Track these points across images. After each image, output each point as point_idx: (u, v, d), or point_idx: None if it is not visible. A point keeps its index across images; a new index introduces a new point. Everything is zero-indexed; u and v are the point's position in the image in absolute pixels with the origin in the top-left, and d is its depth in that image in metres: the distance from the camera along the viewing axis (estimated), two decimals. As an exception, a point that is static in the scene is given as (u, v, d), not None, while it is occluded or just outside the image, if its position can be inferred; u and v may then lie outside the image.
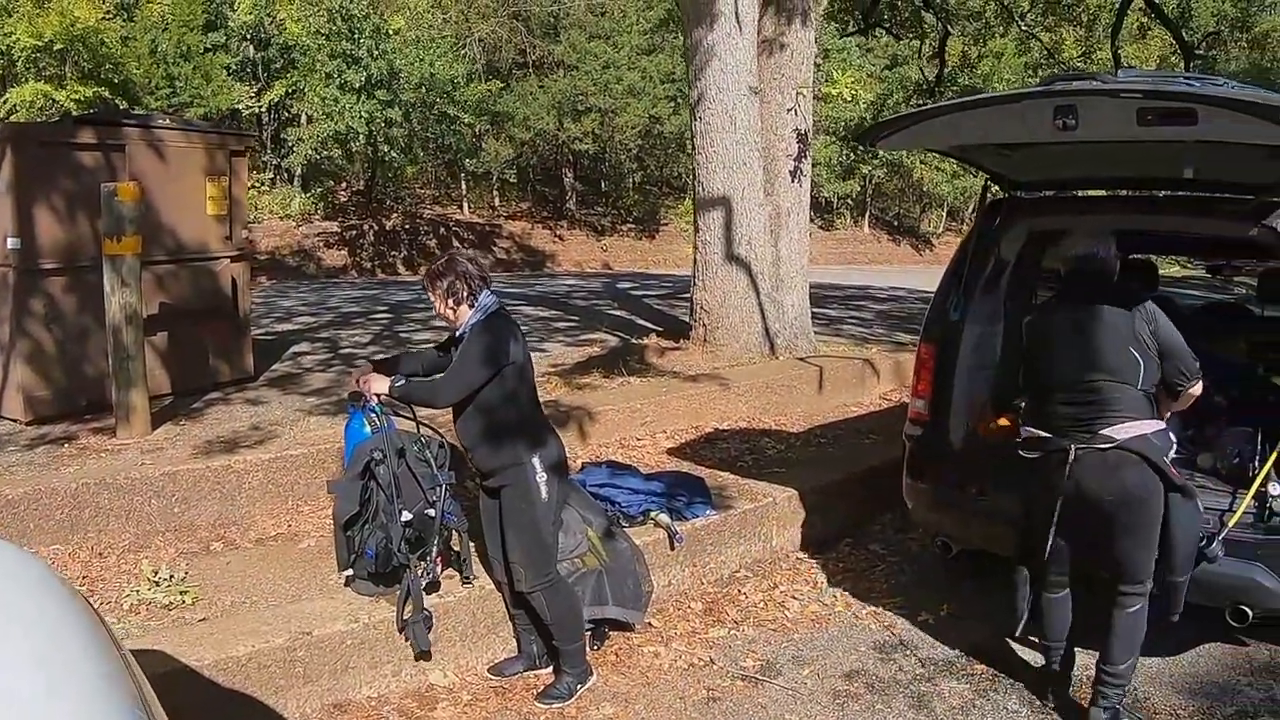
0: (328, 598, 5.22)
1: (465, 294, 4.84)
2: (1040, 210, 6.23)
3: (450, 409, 4.98)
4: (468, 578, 5.37)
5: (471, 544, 5.45)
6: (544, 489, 4.90)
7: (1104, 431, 4.71)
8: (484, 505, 5.16)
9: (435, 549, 5.12)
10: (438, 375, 5.00)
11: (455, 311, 4.88)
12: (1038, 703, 5.12)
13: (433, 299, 4.94)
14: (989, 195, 6.37)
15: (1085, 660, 5.16)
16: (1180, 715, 5.02)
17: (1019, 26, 25.09)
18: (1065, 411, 4.87)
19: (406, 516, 5.04)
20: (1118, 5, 20.40)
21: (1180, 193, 5.96)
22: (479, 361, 4.77)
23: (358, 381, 5.05)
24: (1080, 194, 6.38)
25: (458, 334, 4.96)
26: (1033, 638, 5.36)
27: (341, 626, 4.89)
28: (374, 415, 5.13)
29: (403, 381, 4.91)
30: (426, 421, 5.37)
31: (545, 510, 4.93)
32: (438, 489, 5.13)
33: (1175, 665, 5.48)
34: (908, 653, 5.69)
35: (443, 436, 5.39)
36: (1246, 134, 4.44)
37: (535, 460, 4.89)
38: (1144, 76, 5.46)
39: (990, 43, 33.28)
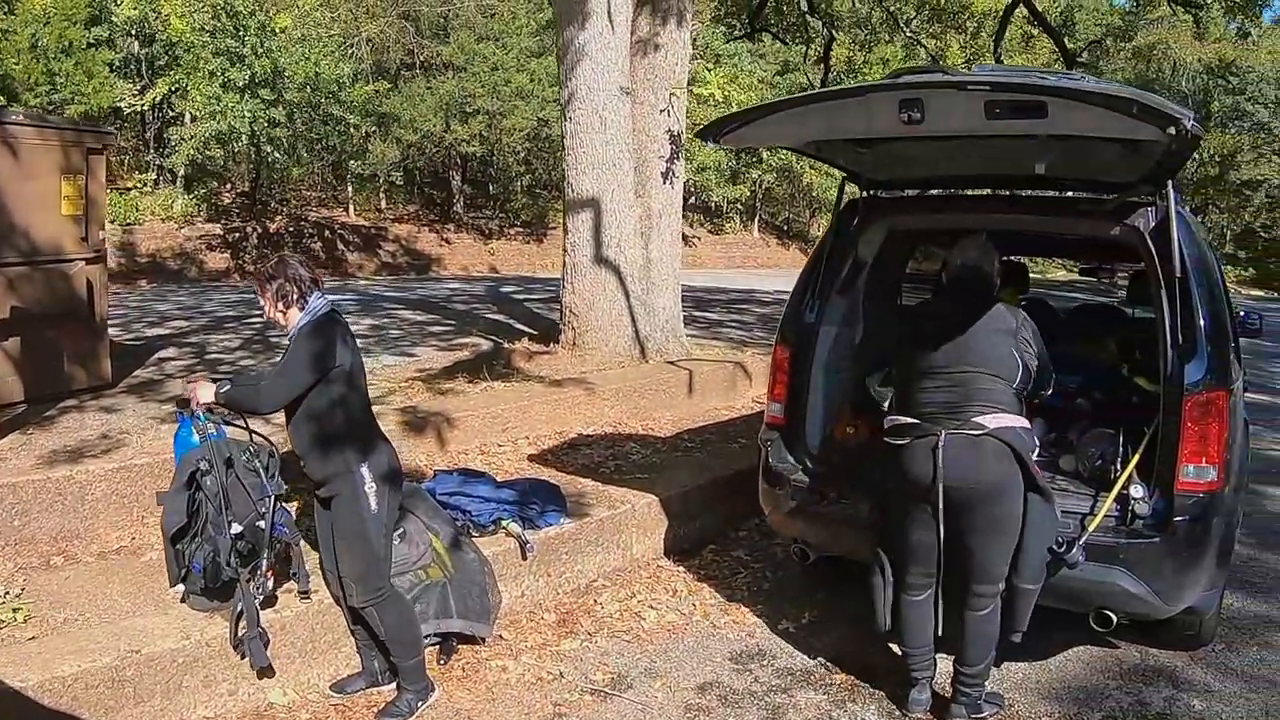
0: (162, 614, 5.02)
1: (295, 296, 4.67)
2: (900, 210, 6.19)
3: (285, 416, 4.80)
4: (305, 592, 5.18)
5: (315, 556, 5.28)
6: (373, 500, 4.72)
7: (975, 419, 4.70)
8: (319, 516, 4.97)
9: (266, 562, 4.92)
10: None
11: (285, 315, 4.71)
12: (897, 713, 5.05)
13: (263, 302, 4.76)
14: (845, 195, 6.32)
15: (946, 666, 5.10)
16: (1046, 724, 5.01)
17: (905, 33, 25.26)
18: (937, 399, 4.84)
19: (237, 529, 4.85)
20: (1001, 12, 20.64)
21: (1043, 192, 5.95)
22: (304, 365, 4.59)
23: (186, 388, 4.86)
24: (940, 193, 6.32)
25: (288, 338, 4.78)
26: (891, 645, 5.30)
27: (172, 644, 4.70)
28: (200, 423, 4.92)
29: (228, 387, 4.73)
30: (258, 431, 5.19)
31: (376, 522, 4.75)
32: (267, 499, 4.93)
33: (1042, 670, 5.48)
34: (765, 663, 5.61)
35: (274, 445, 5.21)
36: (1098, 127, 4.41)
37: (364, 469, 4.71)
38: (997, 71, 5.42)
39: (876, 49, 33.60)
